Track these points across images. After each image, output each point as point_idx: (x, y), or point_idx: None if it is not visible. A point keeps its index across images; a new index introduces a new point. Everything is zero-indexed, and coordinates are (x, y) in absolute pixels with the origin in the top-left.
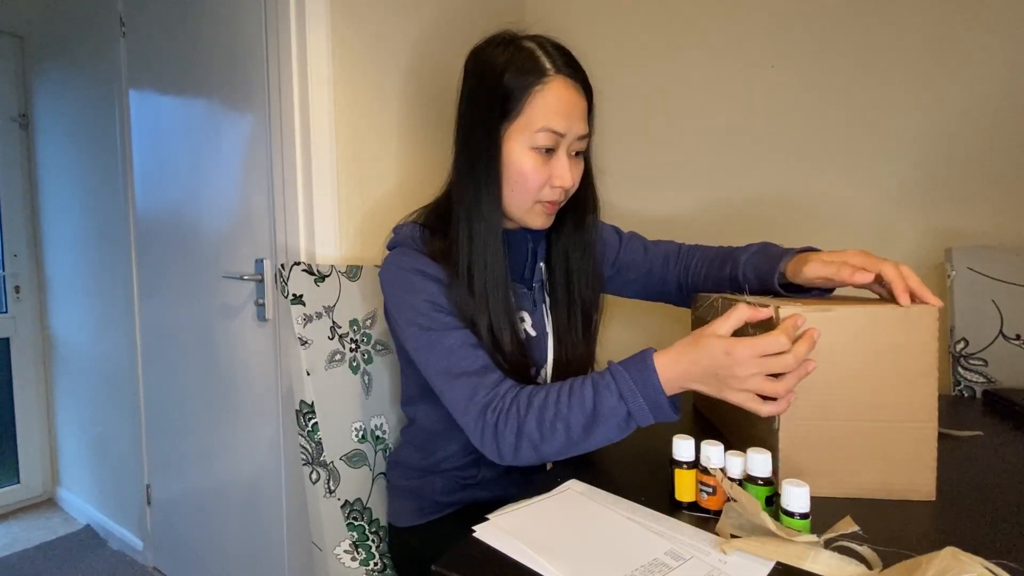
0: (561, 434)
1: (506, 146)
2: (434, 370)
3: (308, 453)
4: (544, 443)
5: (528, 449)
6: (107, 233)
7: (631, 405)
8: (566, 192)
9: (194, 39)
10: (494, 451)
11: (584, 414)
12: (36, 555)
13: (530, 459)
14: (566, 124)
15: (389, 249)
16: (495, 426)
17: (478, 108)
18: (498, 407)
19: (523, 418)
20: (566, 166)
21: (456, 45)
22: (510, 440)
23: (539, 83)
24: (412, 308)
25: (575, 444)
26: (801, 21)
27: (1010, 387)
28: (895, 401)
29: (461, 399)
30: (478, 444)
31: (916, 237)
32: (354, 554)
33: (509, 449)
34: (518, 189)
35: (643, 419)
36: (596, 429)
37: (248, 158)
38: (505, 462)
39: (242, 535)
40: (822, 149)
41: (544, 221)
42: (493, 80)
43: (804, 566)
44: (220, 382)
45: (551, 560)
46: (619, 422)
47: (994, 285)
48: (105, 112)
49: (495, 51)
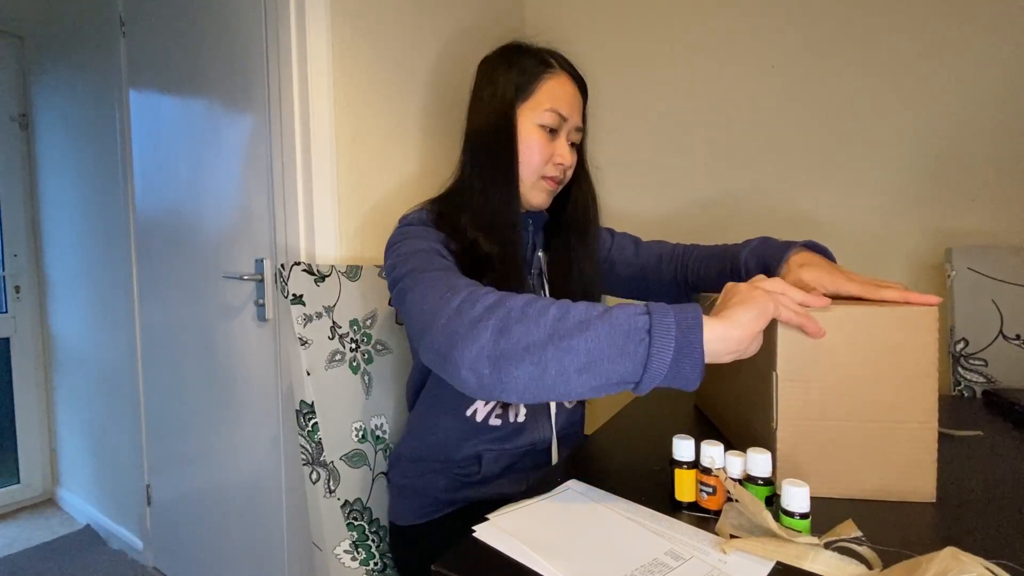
0: (548, 320)
1: (519, 123)
2: (416, 303)
3: (308, 453)
4: (524, 323)
5: (506, 346)
6: (107, 233)
7: (655, 319)
8: (564, 172)
9: (194, 39)
10: (469, 348)
11: (588, 310)
12: (36, 555)
13: (505, 369)
14: (568, 110)
15: (398, 227)
16: (472, 322)
17: (496, 93)
18: (474, 297)
19: (503, 296)
20: (566, 147)
21: (456, 45)
22: (490, 336)
23: (548, 72)
24: (411, 255)
25: (556, 355)
26: (800, 21)
27: (1010, 387)
28: (895, 401)
29: (439, 307)
30: (448, 347)
31: (916, 237)
32: (354, 554)
33: (490, 345)
34: (526, 161)
35: (663, 345)
36: (593, 328)
37: (248, 158)
38: (475, 378)
39: (242, 535)
40: (822, 149)
41: (544, 199)
42: (509, 70)
43: (804, 566)
44: (220, 382)
45: (551, 560)
46: (628, 333)
47: (994, 285)
48: (105, 112)
49: (509, 52)
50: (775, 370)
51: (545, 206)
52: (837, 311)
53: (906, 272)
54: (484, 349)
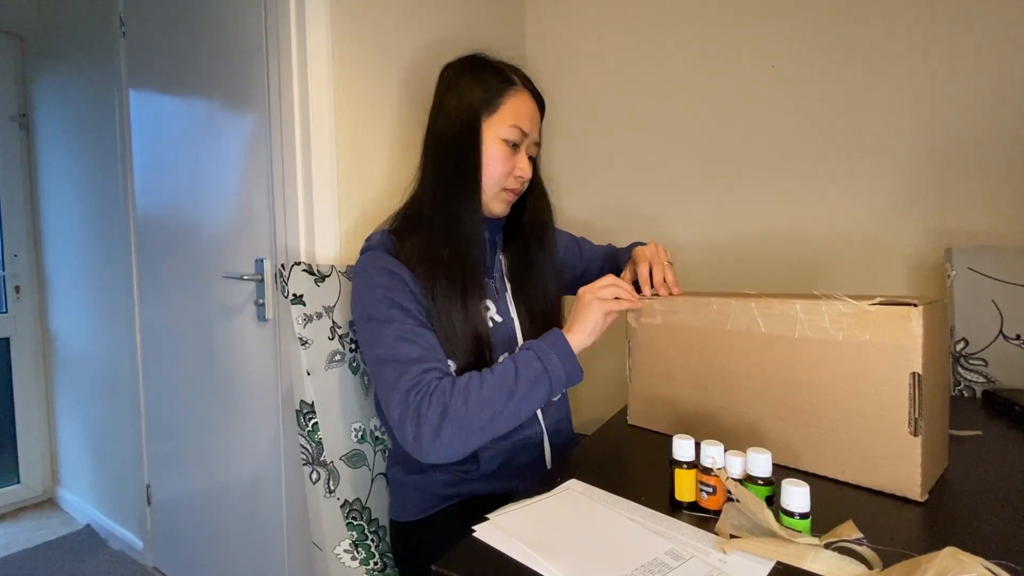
0: (485, 404)
1: (484, 135)
2: (372, 356)
3: (308, 453)
4: (469, 418)
5: (451, 431)
6: (107, 233)
7: (547, 363)
8: (523, 184)
9: (194, 39)
10: (413, 434)
11: (508, 379)
12: (36, 555)
13: (449, 443)
14: (529, 126)
15: (361, 254)
16: (417, 408)
17: (461, 103)
18: (422, 391)
19: (448, 399)
20: (526, 161)
21: (457, 45)
22: (433, 422)
23: (512, 88)
24: (366, 302)
25: (498, 415)
26: (800, 22)
27: (1010, 387)
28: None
29: (387, 384)
30: (397, 428)
31: (916, 237)
32: (354, 553)
33: (431, 433)
34: (489, 173)
35: (557, 374)
36: (519, 391)
37: (248, 158)
38: (421, 451)
39: (242, 535)
40: (821, 149)
41: (504, 208)
42: (474, 83)
43: (804, 566)
44: (220, 382)
45: (551, 560)
46: (536, 379)
47: (994, 285)
48: (105, 112)
49: (474, 64)
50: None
51: (504, 214)
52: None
53: (906, 272)
54: (423, 442)
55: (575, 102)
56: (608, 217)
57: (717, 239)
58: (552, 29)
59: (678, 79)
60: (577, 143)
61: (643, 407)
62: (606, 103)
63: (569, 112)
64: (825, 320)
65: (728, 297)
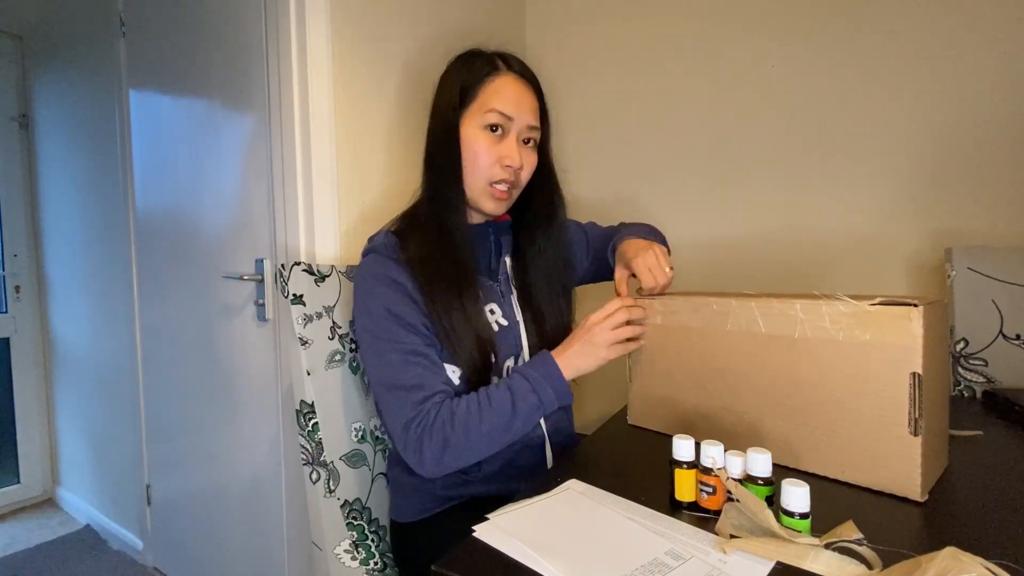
0: (485, 437)
1: (463, 130)
2: (374, 378)
3: (308, 453)
4: (470, 450)
5: (452, 458)
6: (107, 233)
7: (543, 396)
8: (516, 174)
9: (194, 39)
10: (417, 463)
11: (505, 415)
12: (36, 555)
13: (450, 466)
14: (514, 110)
15: (363, 256)
16: (419, 440)
17: (441, 103)
18: (422, 423)
19: (448, 433)
20: (514, 148)
21: (457, 45)
22: (435, 453)
23: (493, 74)
24: (368, 314)
25: (496, 444)
26: (799, 22)
27: (1010, 387)
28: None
29: (390, 411)
30: (402, 453)
31: (916, 237)
32: (354, 553)
33: (432, 461)
34: (471, 167)
35: (550, 403)
36: (515, 424)
37: (248, 158)
38: (424, 473)
39: (242, 535)
40: (821, 149)
41: (495, 206)
42: (458, 77)
43: (804, 566)
44: (220, 382)
45: (551, 560)
46: (532, 412)
47: (994, 285)
48: (105, 112)
49: (462, 59)
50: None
51: (499, 212)
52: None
53: (906, 272)
54: (427, 468)
55: (572, 100)
56: (606, 217)
57: (717, 239)
58: (552, 29)
59: (677, 79)
60: (576, 141)
61: (643, 407)
62: (605, 102)
63: (568, 111)
64: (825, 320)
65: (728, 297)
